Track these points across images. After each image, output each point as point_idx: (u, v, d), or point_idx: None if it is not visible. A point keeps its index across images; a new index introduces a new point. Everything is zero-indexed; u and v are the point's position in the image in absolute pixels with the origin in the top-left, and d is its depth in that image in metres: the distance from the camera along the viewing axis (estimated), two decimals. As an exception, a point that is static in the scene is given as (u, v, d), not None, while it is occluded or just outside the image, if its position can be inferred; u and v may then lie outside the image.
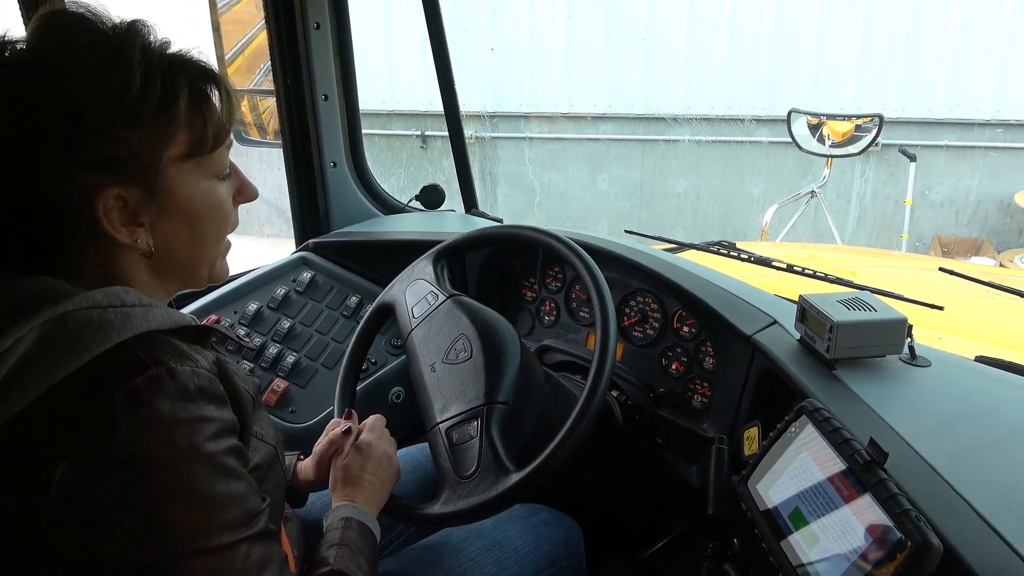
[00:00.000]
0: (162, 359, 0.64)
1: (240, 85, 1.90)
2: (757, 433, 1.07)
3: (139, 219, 0.70)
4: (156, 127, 0.67)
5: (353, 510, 0.95)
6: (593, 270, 1.13)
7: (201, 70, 0.72)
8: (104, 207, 0.67)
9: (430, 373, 1.15)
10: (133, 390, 0.61)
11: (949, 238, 5.13)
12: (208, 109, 0.71)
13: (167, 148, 0.69)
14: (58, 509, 0.59)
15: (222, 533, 0.64)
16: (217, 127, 0.72)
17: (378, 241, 1.77)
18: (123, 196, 0.67)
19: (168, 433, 0.62)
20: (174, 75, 0.69)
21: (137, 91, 0.66)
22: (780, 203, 4.41)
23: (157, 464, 0.61)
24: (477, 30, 5.51)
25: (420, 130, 5.82)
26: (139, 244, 0.70)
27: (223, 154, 0.75)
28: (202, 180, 0.73)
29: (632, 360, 1.42)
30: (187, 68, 0.70)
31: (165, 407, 0.62)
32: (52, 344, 0.60)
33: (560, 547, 1.18)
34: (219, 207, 0.76)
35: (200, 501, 0.63)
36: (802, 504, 0.81)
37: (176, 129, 0.69)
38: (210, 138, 0.72)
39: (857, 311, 1.04)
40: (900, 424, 0.90)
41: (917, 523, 0.67)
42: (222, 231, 0.79)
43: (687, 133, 5.43)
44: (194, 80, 0.70)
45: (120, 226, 0.68)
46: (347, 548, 0.88)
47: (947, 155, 5.12)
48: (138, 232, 0.70)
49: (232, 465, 0.67)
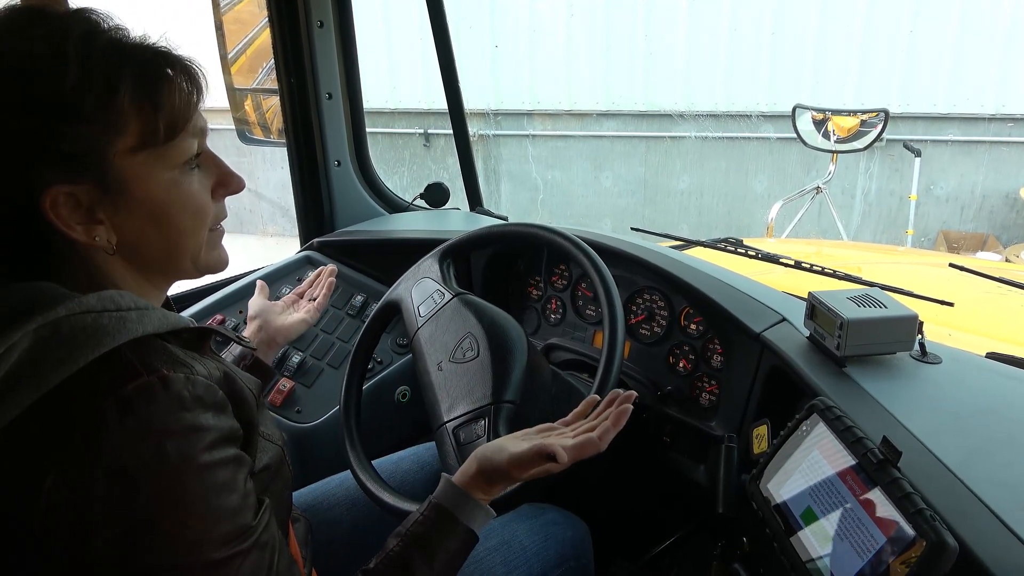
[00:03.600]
0: (155, 366, 0.62)
1: (243, 84, 1.90)
2: (766, 431, 1.06)
3: (95, 216, 0.66)
4: (98, 119, 0.64)
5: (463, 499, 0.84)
6: (600, 268, 1.12)
7: (155, 55, 0.67)
8: (52, 205, 0.63)
9: (436, 372, 1.15)
10: (124, 398, 0.59)
11: (954, 233, 5.11)
12: (159, 98, 0.66)
13: (114, 140, 0.65)
14: (48, 518, 0.58)
15: (212, 548, 0.62)
16: (171, 116, 0.67)
17: (383, 240, 1.77)
18: (72, 193, 0.64)
19: (158, 443, 0.60)
20: (117, 63, 0.64)
21: (75, 83, 0.62)
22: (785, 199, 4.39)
23: (146, 475, 0.59)
24: (480, 28, 5.51)
25: (424, 128, 5.82)
26: (99, 242, 0.67)
27: (186, 143, 0.70)
28: (162, 172, 0.69)
29: (639, 358, 1.41)
30: (136, 55, 0.66)
31: (156, 416, 0.60)
32: (46, 350, 0.58)
33: (568, 546, 1.18)
34: (188, 199, 0.71)
35: (190, 514, 0.61)
36: (814, 503, 0.80)
37: (122, 120, 0.65)
38: (162, 128, 0.67)
39: (867, 308, 1.04)
40: (912, 422, 0.89)
41: (932, 522, 0.66)
42: (197, 224, 0.73)
43: (691, 130, 5.42)
44: (144, 67, 0.66)
45: (75, 224, 0.65)
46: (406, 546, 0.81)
47: (952, 150, 5.10)
48: (96, 230, 0.67)
49: (226, 477, 0.64)
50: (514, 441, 0.87)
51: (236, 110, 1.91)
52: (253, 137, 1.99)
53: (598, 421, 0.87)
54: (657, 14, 5.28)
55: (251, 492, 0.68)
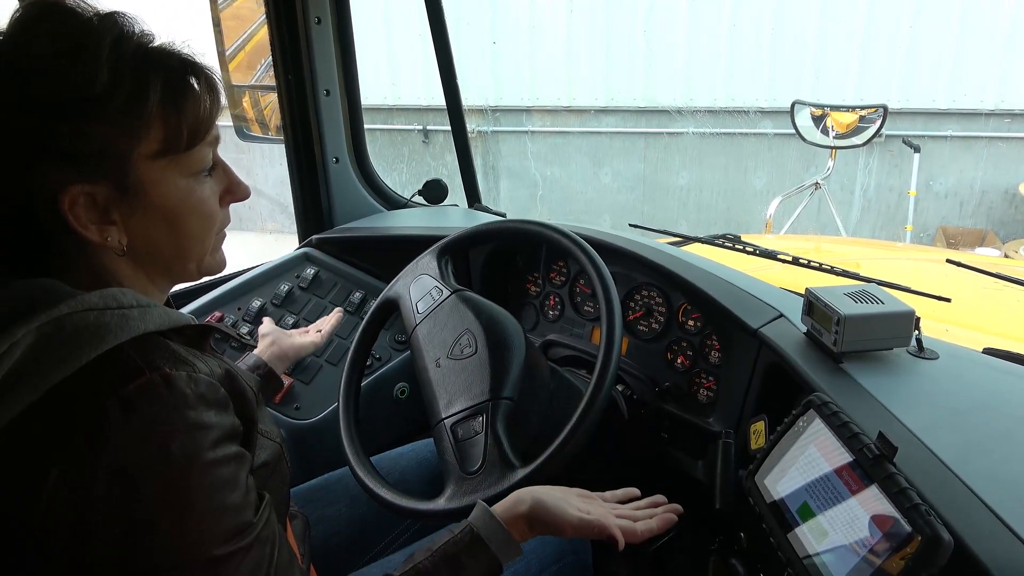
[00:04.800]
0: (157, 364, 0.62)
1: (241, 81, 1.90)
2: (764, 427, 1.07)
3: (110, 217, 0.67)
4: (124, 123, 0.64)
5: (501, 533, 0.85)
6: (598, 264, 1.12)
7: (181, 63, 0.69)
8: (70, 204, 0.64)
9: (435, 369, 1.15)
10: (127, 397, 0.59)
11: (953, 229, 5.12)
12: (184, 105, 0.68)
13: (137, 145, 0.66)
14: (50, 516, 0.58)
15: (214, 545, 0.62)
16: (194, 124, 0.69)
17: (381, 236, 1.77)
18: (91, 193, 0.65)
19: (161, 441, 0.60)
20: (147, 69, 0.65)
21: (104, 85, 0.63)
22: (784, 195, 4.40)
23: (149, 473, 0.59)
24: (479, 24, 5.50)
25: (422, 125, 5.81)
26: (110, 243, 0.67)
27: (203, 152, 0.71)
28: (179, 178, 0.70)
29: (637, 354, 1.41)
30: (164, 62, 0.67)
31: (160, 414, 0.60)
32: (49, 348, 0.59)
33: (566, 542, 1.18)
34: (200, 206, 0.73)
35: (192, 512, 0.61)
36: (810, 498, 0.80)
37: (147, 125, 0.66)
38: (185, 136, 0.68)
39: (864, 304, 1.04)
40: (908, 417, 0.89)
41: (927, 517, 0.66)
42: (205, 230, 0.75)
43: (689, 125, 5.41)
44: (171, 74, 0.67)
45: (89, 224, 0.66)
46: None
47: (951, 145, 5.09)
48: (109, 230, 0.67)
49: (228, 475, 0.65)
50: (581, 502, 0.92)
51: (234, 107, 1.91)
52: (251, 134, 1.98)
53: (644, 513, 0.96)
54: (657, 10, 5.27)
55: (252, 489, 0.69)
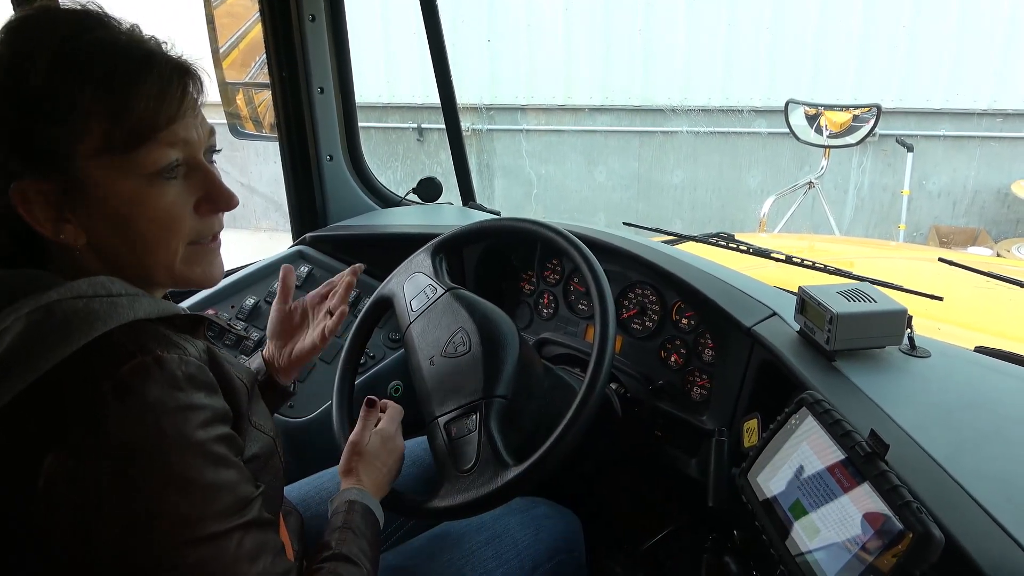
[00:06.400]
0: (149, 347, 0.63)
1: (235, 78, 1.89)
2: (757, 425, 1.07)
3: (63, 214, 0.66)
4: (61, 120, 0.64)
5: (359, 493, 0.96)
6: (592, 262, 1.12)
7: (142, 59, 0.66)
8: (22, 199, 0.64)
9: (429, 367, 1.15)
10: (120, 379, 0.60)
11: (947, 228, 5.13)
12: (126, 102, 0.65)
13: (79, 142, 0.64)
14: (47, 500, 0.59)
15: (214, 521, 0.63)
16: (136, 122, 0.65)
17: (375, 235, 1.77)
18: (42, 190, 0.65)
19: (156, 421, 0.61)
20: (85, 67, 0.64)
21: (39, 84, 0.63)
22: (778, 194, 4.40)
23: (146, 453, 0.60)
24: (474, 22, 5.49)
25: (416, 123, 5.80)
26: (64, 239, 0.67)
27: (157, 152, 0.67)
28: (125, 179, 0.67)
29: (631, 353, 1.41)
30: (110, 59, 0.65)
31: (153, 395, 0.61)
32: (38, 334, 0.59)
33: (560, 540, 1.18)
34: (156, 210, 0.69)
35: (191, 489, 0.62)
36: (802, 495, 0.80)
37: (84, 123, 0.64)
38: (122, 135, 0.65)
39: (857, 302, 1.04)
40: (900, 415, 0.90)
41: (919, 515, 0.67)
42: (164, 237, 0.70)
43: (684, 124, 5.42)
44: (112, 70, 0.65)
45: (45, 220, 0.66)
46: (350, 532, 0.88)
47: (944, 145, 5.11)
48: (64, 227, 0.67)
49: (223, 453, 0.66)
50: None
51: (228, 104, 1.90)
52: (245, 131, 1.98)
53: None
54: (653, 8, 5.27)
55: (245, 468, 0.70)
